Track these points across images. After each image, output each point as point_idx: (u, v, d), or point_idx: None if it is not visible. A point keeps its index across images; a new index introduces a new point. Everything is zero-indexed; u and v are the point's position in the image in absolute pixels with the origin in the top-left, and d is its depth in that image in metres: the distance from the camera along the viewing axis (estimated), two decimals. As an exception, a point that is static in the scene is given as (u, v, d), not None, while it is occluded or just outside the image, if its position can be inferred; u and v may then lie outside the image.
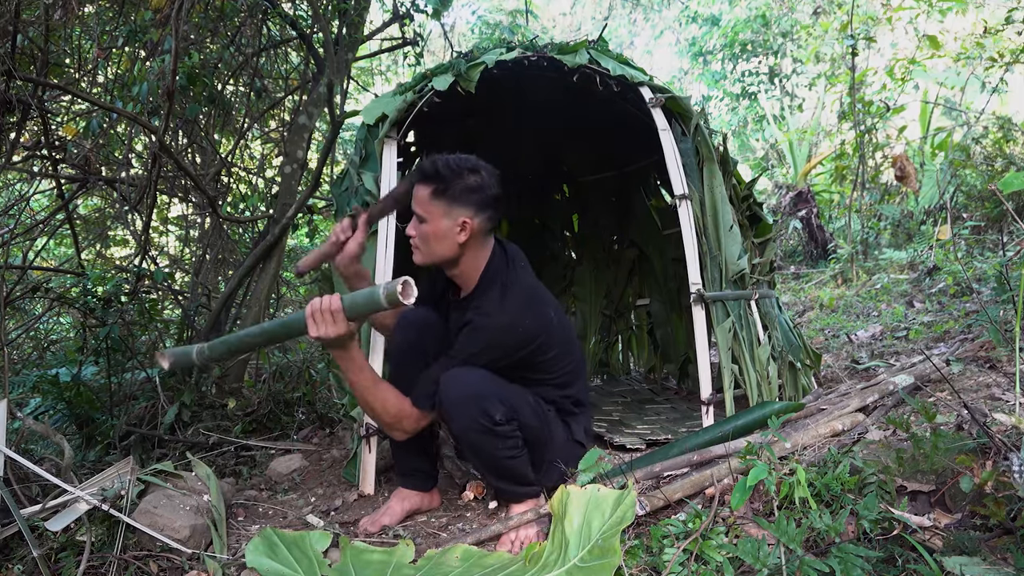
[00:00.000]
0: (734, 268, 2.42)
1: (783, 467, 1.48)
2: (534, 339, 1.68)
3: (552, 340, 1.74)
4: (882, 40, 7.16)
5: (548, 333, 1.72)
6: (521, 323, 1.66)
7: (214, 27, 3.27)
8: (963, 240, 4.61)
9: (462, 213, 1.64)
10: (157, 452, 2.41)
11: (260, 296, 3.04)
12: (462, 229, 1.65)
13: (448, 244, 1.67)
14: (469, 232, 1.66)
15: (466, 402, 1.58)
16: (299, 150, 3.17)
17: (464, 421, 1.59)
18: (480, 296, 1.71)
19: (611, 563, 1.24)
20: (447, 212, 1.64)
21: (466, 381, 1.60)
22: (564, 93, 2.87)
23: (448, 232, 1.66)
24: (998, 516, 1.23)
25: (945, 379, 1.73)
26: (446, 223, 1.65)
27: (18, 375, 2.89)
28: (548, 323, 1.73)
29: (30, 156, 2.86)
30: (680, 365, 3.64)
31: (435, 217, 1.65)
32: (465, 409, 1.58)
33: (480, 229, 1.69)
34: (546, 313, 1.73)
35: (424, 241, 1.69)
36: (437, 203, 1.64)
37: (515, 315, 1.65)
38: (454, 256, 1.70)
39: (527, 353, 1.69)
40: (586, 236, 4.13)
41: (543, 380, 1.78)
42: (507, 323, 1.64)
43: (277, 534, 1.51)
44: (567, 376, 1.82)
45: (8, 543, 1.56)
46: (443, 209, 1.64)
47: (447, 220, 1.65)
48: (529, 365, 1.72)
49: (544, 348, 1.72)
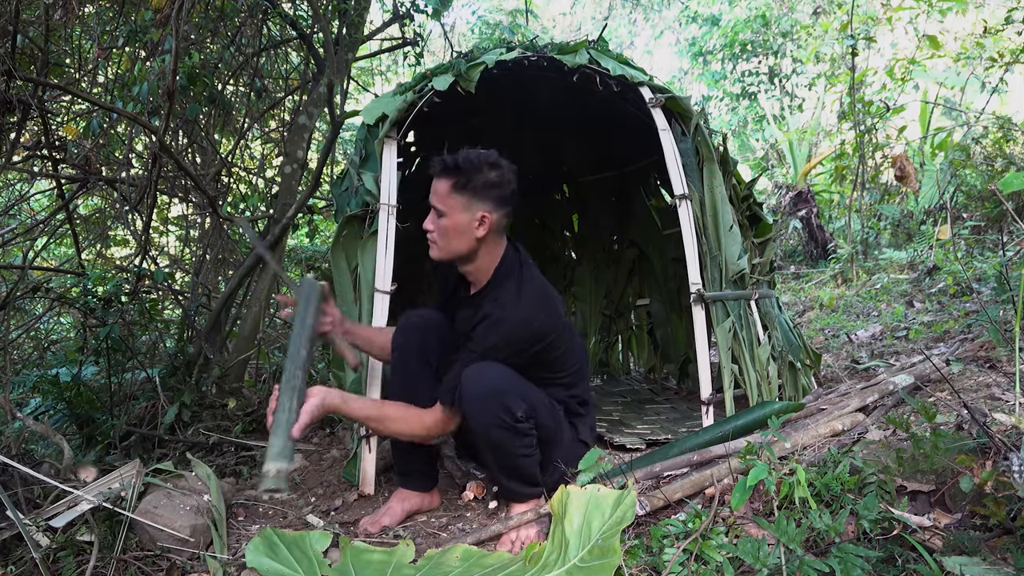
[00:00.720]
0: (734, 268, 2.42)
1: (783, 467, 1.48)
2: (547, 335, 1.68)
3: (561, 338, 1.74)
4: (882, 40, 7.16)
5: (558, 331, 1.72)
6: (536, 318, 1.66)
7: (214, 27, 3.27)
8: (963, 240, 4.61)
9: (481, 208, 1.65)
10: (157, 452, 2.41)
11: (260, 296, 3.04)
12: (480, 224, 1.66)
13: (466, 239, 1.67)
14: (488, 227, 1.67)
15: (488, 398, 1.58)
16: (299, 150, 3.17)
17: (486, 417, 1.59)
18: (496, 289, 1.71)
19: (611, 563, 1.25)
20: (467, 206, 1.65)
21: (487, 378, 1.59)
22: (564, 93, 2.87)
23: (467, 226, 1.66)
24: (998, 516, 1.23)
25: (945, 379, 1.73)
26: (465, 217, 1.65)
27: (18, 375, 2.89)
28: (559, 320, 1.74)
29: (30, 156, 2.86)
30: (680, 365, 3.64)
31: (454, 211, 1.65)
32: (487, 405, 1.58)
33: (497, 224, 1.70)
34: (558, 311, 1.74)
35: (442, 235, 1.68)
36: (457, 197, 1.65)
37: (530, 310, 1.65)
38: (470, 251, 1.70)
39: (540, 349, 1.68)
40: (586, 236, 4.13)
41: (552, 380, 1.78)
42: (522, 318, 1.64)
43: (277, 534, 1.51)
44: (573, 376, 1.83)
45: (8, 543, 1.56)
46: (463, 203, 1.65)
47: (466, 214, 1.65)
48: (542, 363, 1.73)
49: (555, 345, 1.72)
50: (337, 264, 2.28)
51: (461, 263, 1.76)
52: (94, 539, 1.53)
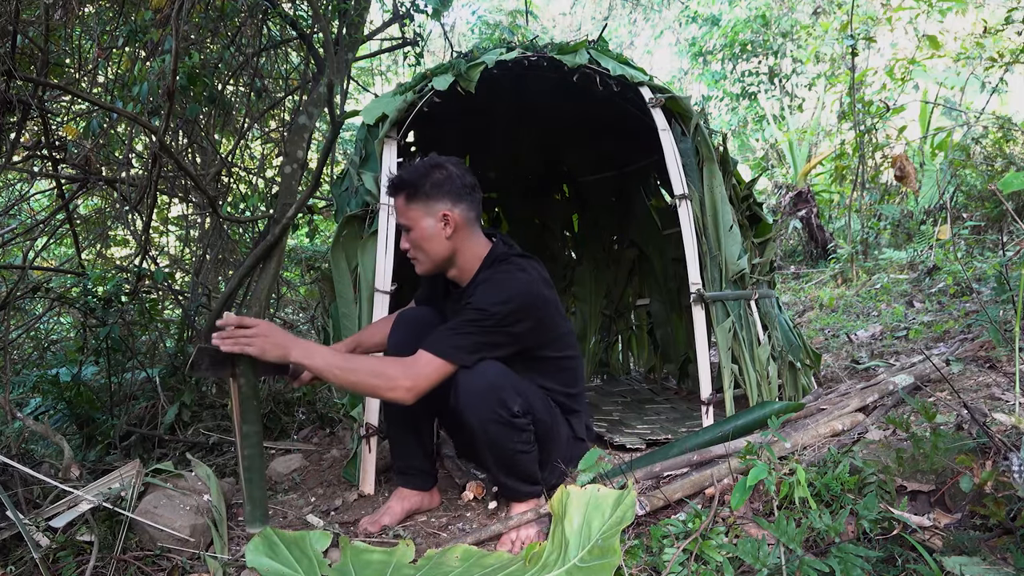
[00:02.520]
0: (734, 268, 2.42)
1: (783, 467, 1.49)
2: (532, 310, 1.66)
3: (552, 322, 1.74)
4: (882, 40, 7.15)
5: (547, 311, 1.71)
6: (520, 292, 1.64)
7: (214, 27, 3.26)
8: (963, 240, 4.61)
9: (439, 207, 1.69)
10: (157, 452, 2.41)
11: (260, 296, 3.04)
12: (446, 223, 1.69)
13: (438, 242, 1.71)
14: (453, 224, 1.70)
15: (484, 393, 1.59)
16: (299, 150, 3.17)
17: (483, 412, 1.59)
18: (479, 282, 1.71)
19: (611, 563, 1.25)
20: (426, 211, 1.69)
21: (483, 373, 1.60)
22: (564, 93, 2.88)
23: (434, 230, 1.70)
24: (998, 516, 1.23)
25: (945, 379, 1.73)
26: (429, 222, 1.69)
27: (18, 375, 2.89)
28: (546, 301, 1.71)
29: (30, 156, 2.86)
30: (680, 365, 3.64)
31: (418, 221, 1.70)
32: (483, 400, 1.59)
33: (464, 219, 1.72)
34: (543, 293, 1.70)
35: (418, 248, 1.73)
36: (415, 206, 1.69)
37: (513, 286, 1.64)
38: (449, 253, 1.73)
39: (528, 328, 1.66)
40: (586, 236, 4.13)
41: (546, 372, 1.78)
42: (507, 295, 1.63)
43: (277, 534, 1.51)
44: (567, 373, 1.84)
45: (8, 543, 1.56)
46: (422, 210, 1.69)
47: (429, 219, 1.69)
48: (537, 347, 1.72)
49: (546, 326, 1.71)
50: (337, 264, 2.28)
51: (446, 269, 1.78)
52: (94, 539, 1.53)
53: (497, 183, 4.06)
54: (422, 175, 1.69)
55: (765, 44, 9.31)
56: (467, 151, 3.88)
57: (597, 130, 3.60)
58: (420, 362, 1.59)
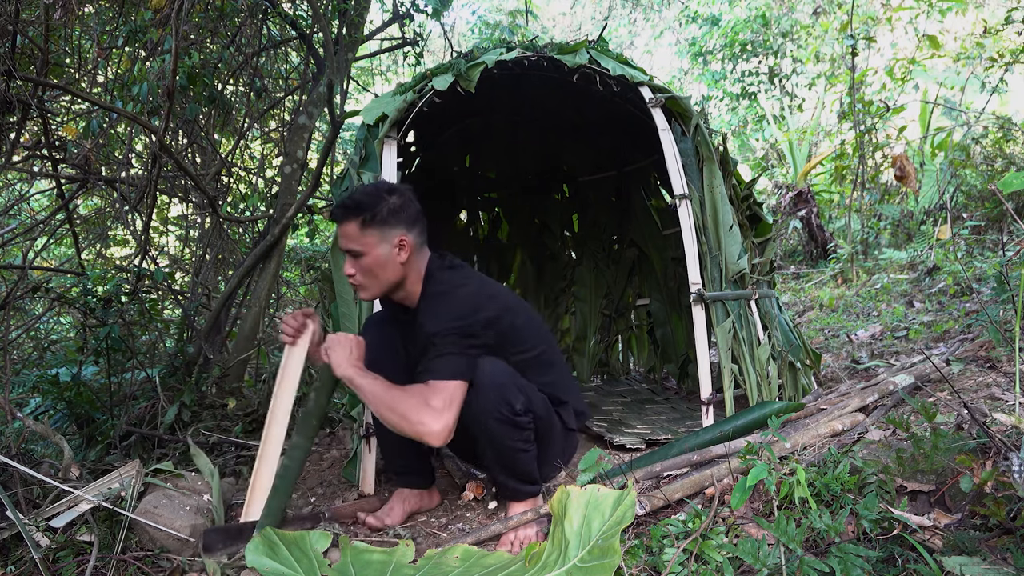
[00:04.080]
0: (734, 268, 2.42)
1: (783, 467, 1.49)
2: (494, 321, 1.66)
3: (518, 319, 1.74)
4: (882, 40, 7.16)
5: (505, 316, 1.70)
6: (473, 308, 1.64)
7: (214, 27, 3.27)
8: (963, 240, 4.61)
9: (396, 233, 1.65)
10: (157, 452, 2.41)
11: (260, 296, 3.04)
12: (401, 248, 1.66)
13: (392, 268, 1.67)
14: (409, 250, 1.67)
15: (487, 390, 1.59)
16: (299, 150, 3.17)
17: (486, 409, 1.60)
18: (428, 300, 1.69)
19: (611, 563, 1.24)
20: (382, 237, 1.65)
21: (486, 371, 1.60)
22: (564, 93, 2.88)
23: (388, 256, 1.66)
24: (998, 516, 1.23)
25: (945, 379, 1.73)
26: (384, 248, 1.65)
27: (18, 375, 2.89)
28: (502, 306, 1.71)
29: (30, 156, 2.86)
30: (680, 365, 3.64)
31: (372, 247, 1.64)
32: (486, 397, 1.59)
33: (416, 244, 1.69)
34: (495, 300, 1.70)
35: (368, 274, 1.68)
36: (370, 233, 1.64)
37: (464, 303, 1.64)
38: (400, 278, 1.70)
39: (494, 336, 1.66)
40: (586, 236, 4.13)
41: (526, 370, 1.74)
42: (459, 312, 1.62)
43: (277, 534, 1.51)
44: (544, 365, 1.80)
45: (8, 543, 1.56)
46: (377, 236, 1.64)
47: (384, 245, 1.65)
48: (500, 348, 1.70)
49: (515, 327, 1.72)
50: (337, 264, 2.28)
51: (393, 293, 1.74)
52: (94, 539, 1.53)
53: (497, 183, 4.06)
54: (379, 200, 1.64)
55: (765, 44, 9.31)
56: (467, 151, 3.88)
57: (597, 130, 3.60)
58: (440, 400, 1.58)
